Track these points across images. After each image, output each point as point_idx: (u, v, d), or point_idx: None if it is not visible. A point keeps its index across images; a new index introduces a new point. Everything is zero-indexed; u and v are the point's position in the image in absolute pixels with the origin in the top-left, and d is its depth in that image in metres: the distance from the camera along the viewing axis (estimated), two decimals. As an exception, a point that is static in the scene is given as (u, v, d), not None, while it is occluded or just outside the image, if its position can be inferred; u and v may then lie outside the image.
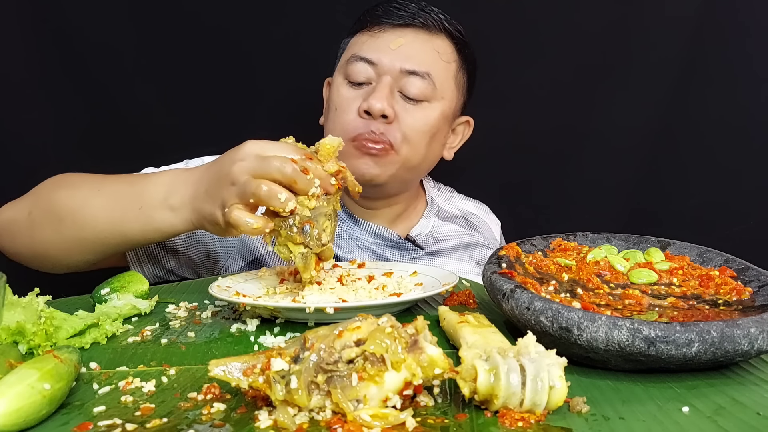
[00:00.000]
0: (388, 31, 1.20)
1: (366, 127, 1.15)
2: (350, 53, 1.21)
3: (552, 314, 0.65)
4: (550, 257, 0.87)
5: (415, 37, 1.20)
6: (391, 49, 1.18)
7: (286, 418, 0.54)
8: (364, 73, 1.18)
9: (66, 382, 0.60)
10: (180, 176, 0.97)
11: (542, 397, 0.55)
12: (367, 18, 1.23)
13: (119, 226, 0.98)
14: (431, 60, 1.20)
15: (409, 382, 0.55)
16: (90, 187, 1.03)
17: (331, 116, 1.20)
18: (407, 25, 1.20)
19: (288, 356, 0.56)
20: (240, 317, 0.88)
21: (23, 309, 0.78)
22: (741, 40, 1.52)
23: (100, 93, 1.53)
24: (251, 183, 0.82)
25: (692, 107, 1.55)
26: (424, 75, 1.18)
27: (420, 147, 1.20)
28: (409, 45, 1.19)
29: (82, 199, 1.01)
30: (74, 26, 1.51)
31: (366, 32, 1.22)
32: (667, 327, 0.62)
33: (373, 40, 1.20)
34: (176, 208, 0.94)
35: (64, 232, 1.01)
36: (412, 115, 1.18)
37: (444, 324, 0.77)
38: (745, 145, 1.54)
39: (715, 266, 0.85)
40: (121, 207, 0.98)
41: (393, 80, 1.17)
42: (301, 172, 0.83)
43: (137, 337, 0.81)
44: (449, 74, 1.23)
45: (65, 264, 1.06)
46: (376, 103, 1.13)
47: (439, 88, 1.20)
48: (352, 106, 1.17)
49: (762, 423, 0.55)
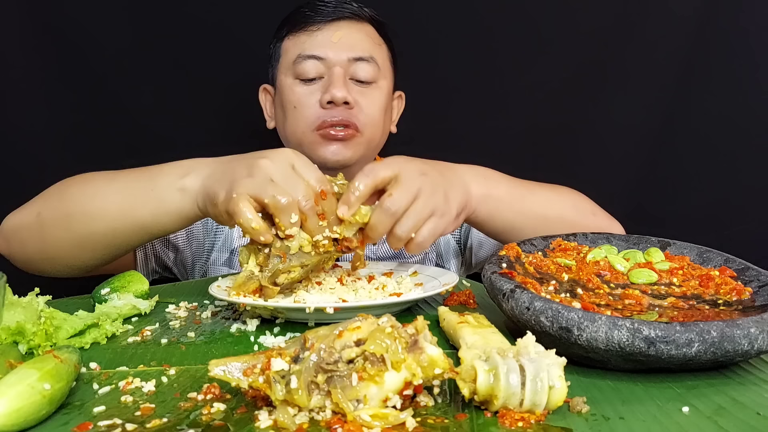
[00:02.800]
0: (323, 27, 1.26)
1: (329, 114, 1.22)
2: (294, 54, 1.26)
3: (552, 314, 0.65)
4: (550, 257, 0.87)
5: (349, 27, 1.27)
6: (333, 42, 1.24)
7: (286, 418, 0.54)
8: (314, 70, 1.24)
9: (66, 382, 0.60)
10: (199, 159, 0.97)
11: (542, 397, 0.55)
12: (295, 20, 1.28)
13: (130, 212, 0.97)
14: (369, 45, 1.27)
15: (409, 382, 0.55)
16: (102, 180, 1.03)
17: (290, 114, 1.25)
18: (339, 19, 1.27)
19: (288, 356, 0.56)
20: (240, 317, 0.88)
21: (23, 309, 0.78)
22: (741, 39, 1.52)
23: (100, 93, 1.54)
24: (275, 187, 0.81)
25: (692, 107, 1.55)
26: (369, 59, 1.26)
27: (379, 125, 1.28)
28: (347, 35, 1.26)
29: (93, 192, 1.02)
30: (74, 27, 1.51)
31: (301, 33, 1.27)
32: (667, 327, 0.62)
33: (312, 38, 1.25)
34: (187, 189, 0.93)
35: (74, 228, 1.00)
36: (367, 97, 1.25)
37: (444, 324, 0.77)
38: (745, 145, 1.54)
39: (715, 266, 0.84)
40: (132, 192, 0.98)
41: (343, 70, 1.23)
42: (316, 214, 0.82)
43: (137, 337, 0.81)
44: (384, 55, 1.31)
45: (77, 265, 1.05)
46: (337, 92, 1.20)
47: (381, 68, 1.28)
48: (311, 100, 1.23)
49: (762, 423, 0.55)
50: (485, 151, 1.53)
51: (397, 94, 1.39)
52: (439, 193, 0.91)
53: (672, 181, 1.58)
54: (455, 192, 0.95)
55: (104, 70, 1.53)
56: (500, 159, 1.57)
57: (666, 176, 1.58)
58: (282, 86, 1.28)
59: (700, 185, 1.57)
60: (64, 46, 1.51)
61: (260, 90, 1.37)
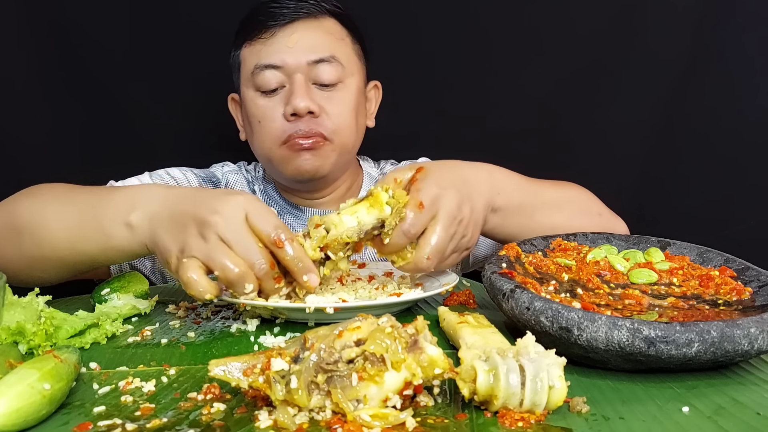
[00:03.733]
0: (278, 33, 1.18)
1: (294, 127, 1.16)
2: (251, 65, 1.19)
3: (552, 314, 0.65)
4: (550, 257, 0.87)
5: (306, 28, 1.19)
6: (289, 47, 1.17)
7: (286, 418, 0.54)
8: (273, 80, 1.17)
9: (66, 382, 0.60)
10: (148, 190, 0.90)
11: (542, 397, 0.55)
12: (249, 26, 1.21)
13: (78, 244, 0.92)
14: (329, 43, 1.20)
15: (409, 382, 0.55)
16: (54, 200, 0.97)
17: (256, 129, 1.20)
18: (294, 20, 1.19)
19: (288, 356, 0.56)
20: (240, 317, 0.88)
21: (23, 309, 0.78)
22: (741, 38, 1.52)
23: (100, 94, 1.53)
24: (226, 254, 0.77)
25: (692, 107, 1.55)
26: (330, 59, 1.18)
27: (351, 128, 1.21)
28: (304, 37, 1.18)
29: (43, 214, 0.96)
30: (74, 28, 1.51)
31: (256, 40, 1.20)
32: (667, 327, 0.62)
33: (267, 45, 1.19)
34: (134, 226, 0.87)
35: (23, 249, 0.96)
36: (333, 101, 1.19)
37: (444, 324, 0.77)
38: (745, 144, 1.54)
39: (715, 266, 0.84)
40: (80, 223, 0.92)
41: (304, 75, 1.17)
42: (272, 278, 0.79)
43: (137, 337, 0.81)
44: (348, 50, 1.23)
45: (28, 281, 0.97)
46: (300, 103, 1.14)
47: (346, 66, 1.21)
48: (275, 114, 1.17)
49: (762, 423, 0.55)
50: (485, 151, 1.53)
51: (371, 85, 1.32)
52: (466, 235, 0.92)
53: (672, 181, 1.58)
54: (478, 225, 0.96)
55: (104, 71, 1.53)
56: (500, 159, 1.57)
57: (666, 176, 1.58)
58: (245, 99, 1.22)
59: (700, 185, 1.57)
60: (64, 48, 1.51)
61: (229, 100, 1.31)
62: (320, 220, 0.84)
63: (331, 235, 0.82)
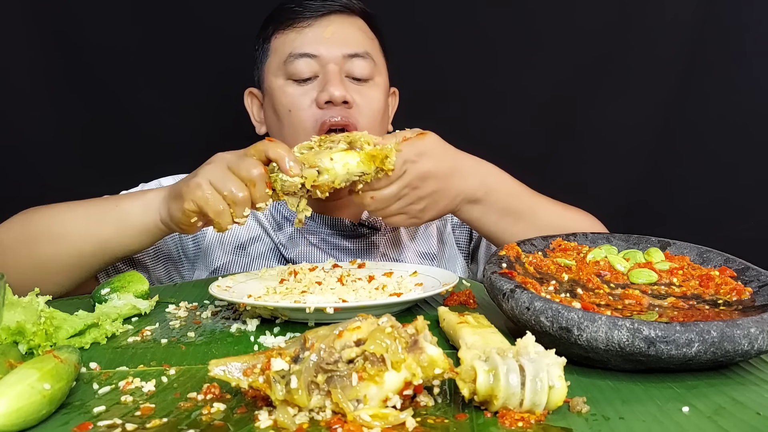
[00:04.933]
0: (313, 23, 1.19)
1: (327, 114, 1.16)
2: (284, 53, 1.20)
3: (552, 314, 0.65)
4: (550, 257, 0.87)
5: (341, 22, 1.21)
6: (325, 38, 1.18)
7: (286, 418, 0.54)
8: (308, 69, 1.17)
9: (66, 382, 0.60)
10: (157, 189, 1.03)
11: (542, 397, 0.55)
12: (282, 17, 1.22)
13: (94, 229, 1.01)
14: (363, 40, 1.21)
15: (409, 382, 0.55)
16: (66, 206, 1.05)
17: (285, 118, 1.19)
18: (329, 13, 1.20)
19: (288, 356, 0.56)
20: (240, 317, 0.88)
21: (23, 309, 0.78)
22: (741, 38, 1.52)
23: (101, 95, 1.54)
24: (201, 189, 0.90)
25: (692, 107, 1.55)
26: (365, 55, 1.20)
27: (377, 125, 1.22)
28: (339, 30, 1.20)
29: (59, 216, 1.03)
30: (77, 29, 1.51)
31: (290, 29, 1.20)
32: (667, 327, 0.62)
33: (302, 35, 1.19)
34: (150, 203, 0.99)
35: (36, 252, 1.02)
36: (365, 96, 1.19)
37: (443, 325, 0.77)
38: (745, 144, 1.54)
39: (715, 266, 0.84)
40: (97, 211, 1.02)
41: (338, 67, 1.17)
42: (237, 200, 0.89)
43: (137, 337, 0.81)
44: (377, 49, 1.25)
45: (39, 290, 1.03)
46: (335, 91, 1.14)
47: (377, 64, 1.22)
48: (305, 101, 1.17)
49: (762, 423, 0.55)
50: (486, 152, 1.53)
51: (391, 90, 1.33)
52: (418, 205, 1.02)
53: (672, 181, 1.58)
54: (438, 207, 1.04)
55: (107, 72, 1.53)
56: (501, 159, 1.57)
57: (666, 176, 1.58)
58: (272, 88, 1.22)
59: (700, 185, 1.57)
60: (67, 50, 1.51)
61: (246, 94, 1.31)
62: (312, 161, 0.90)
63: (322, 179, 0.90)
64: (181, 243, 1.24)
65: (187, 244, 1.25)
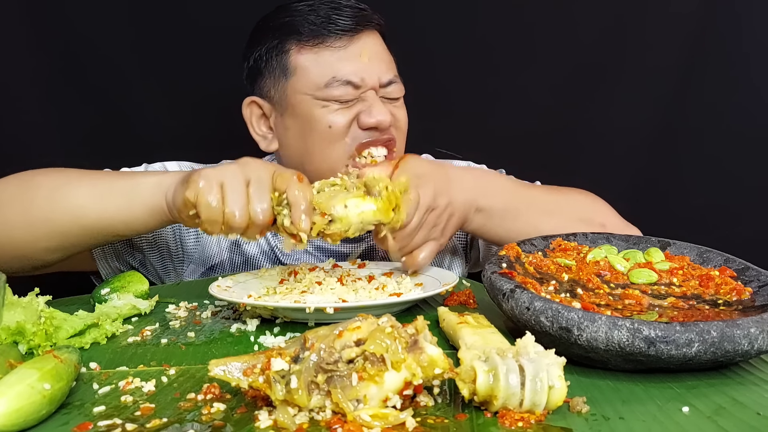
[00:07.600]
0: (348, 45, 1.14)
1: (368, 135, 1.14)
2: (321, 75, 1.13)
3: (552, 314, 0.65)
4: (550, 257, 0.87)
5: (372, 43, 1.17)
6: (364, 62, 1.14)
7: (286, 418, 0.54)
8: (347, 94, 1.13)
9: (66, 382, 0.60)
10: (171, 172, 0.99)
11: (542, 397, 0.55)
12: (305, 30, 1.15)
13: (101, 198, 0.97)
14: (390, 61, 1.19)
15: (409, 382, 0.55)
16: (75, 171, 1.02)
17: (324, 137, 1.14)
18: (360, 32, 1.15)
19: (288, 356, 0.56)
20: (240, 317, 0.88)
21: (23, 309, 0.78)
22: (740, 40, 1.52)
23: (101, 95, 1.54)
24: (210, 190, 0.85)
25: (691, 108, 1.55)
26: (396, 79, 1.18)
27: (404, 139, 1.22)
28: (373, 55, 1.16)
29: (63, 178, 1.00)
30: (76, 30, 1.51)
31: (321, 49, 1.14)
32: (667, 327, 0.62)
33: (340, 59, 1.14)
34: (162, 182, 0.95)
35: (33, 211, 0.98)
36: (398, 113, 1.18)
37: (443, 325, 0.77)
38: (744, 144, 1.54)
39: (715, 266, 0.84)
40: (107, 181, 0.99)
41: (375, 91, 1.15)
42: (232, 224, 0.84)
43: (137, 337, 0.81)
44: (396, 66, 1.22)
45: (25, 254, 1.00)
46: (383, 117, 1.12)
47: (402, 82, 1.20)
48: (345, 120, 1.13)
49: (762, 423, 0.55)
50: (486, 152, 1.54)
51: None
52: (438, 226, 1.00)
53: (672, 181, 1.58)
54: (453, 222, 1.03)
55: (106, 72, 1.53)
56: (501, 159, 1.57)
57: (666, 176, 1.58)
58: (304, 107, 1.14)
59: (699, 185, 1.57)
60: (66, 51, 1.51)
61: (245, 104, 1.21)
62: (325, 207, 0.85)
63: (334, 228, 0.85)
64: (181, 235, 1.24)
65: (188, 238, 1.25)
